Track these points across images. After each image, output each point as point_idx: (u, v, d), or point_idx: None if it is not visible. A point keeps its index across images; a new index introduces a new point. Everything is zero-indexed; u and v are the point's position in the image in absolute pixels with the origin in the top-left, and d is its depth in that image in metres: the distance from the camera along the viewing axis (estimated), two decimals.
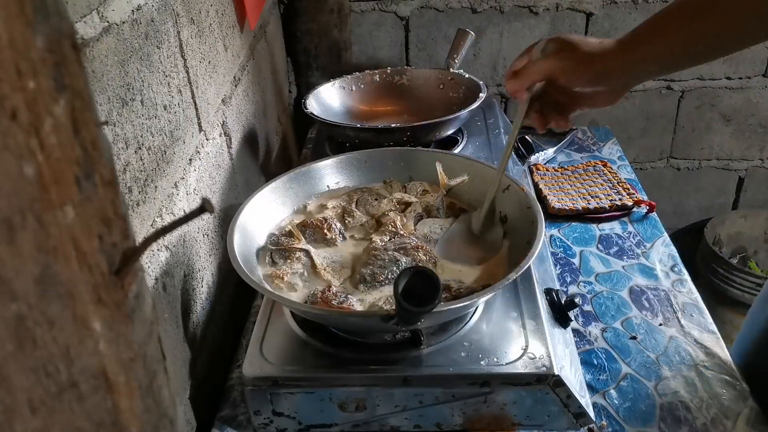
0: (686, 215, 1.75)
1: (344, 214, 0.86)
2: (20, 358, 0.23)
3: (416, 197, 0.88)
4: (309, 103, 1.14)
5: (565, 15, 1.45)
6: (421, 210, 0.85)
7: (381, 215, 0.85)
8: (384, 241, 0.79)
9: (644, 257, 1.02)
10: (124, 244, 0.27)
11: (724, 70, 1.52)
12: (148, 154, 0.67)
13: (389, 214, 0.84)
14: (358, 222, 0.85)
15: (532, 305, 0.74)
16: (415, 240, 0.79)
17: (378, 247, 0.77)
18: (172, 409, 0.32)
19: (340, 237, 0.83)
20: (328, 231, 0.82)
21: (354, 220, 0.85)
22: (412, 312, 0.57)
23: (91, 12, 0.56)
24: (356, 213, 0.86)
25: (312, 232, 0.82)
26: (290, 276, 0.76)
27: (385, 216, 0.84)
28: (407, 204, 0.86)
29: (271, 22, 1.33)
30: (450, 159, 0.92)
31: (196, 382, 0.78)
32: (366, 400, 0.69)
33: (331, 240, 0.82)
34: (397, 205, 0.87)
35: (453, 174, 0.89)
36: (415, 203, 0.86)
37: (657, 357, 0.83)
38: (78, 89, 0.24)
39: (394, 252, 0.76)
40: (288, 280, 0.75)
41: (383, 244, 0.78)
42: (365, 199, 0.89)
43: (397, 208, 0.86)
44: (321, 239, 0.82)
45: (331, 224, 0.83)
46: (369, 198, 0.89)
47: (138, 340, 0.28)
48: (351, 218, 0.85)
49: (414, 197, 0.88)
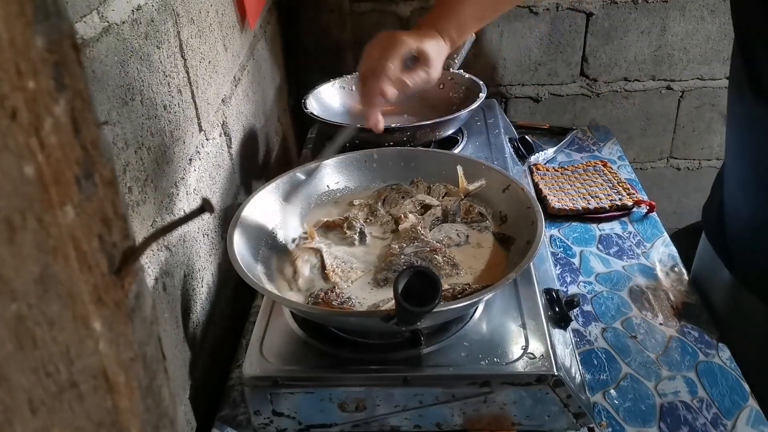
0: (686, 215, 1.75)
1: (369, 212, 0.87)
2: (20, 358, 0.23)
3: (438, 200, 0.88)
4: (309, 103, 1.14)
5: (565, 15, 1.45)
6: (440, 214, 0.85)
7: (400, 216, 0.84)
8: (402, 246, 0.78)
9: (644, 257, 1.02)
10: (124, 244, 0.27)
11: (724, 70, 1.52)
12: (148, 154, 0.67)
13: (408, 216, 0.83)
14: (381, 221, 0.85)
15: (532, 305, 0.74)
16: (432, 244, 0.78)
17: (395, 252, 0.77)
18: (172, 409, 0.32)
19: (359, 237, 0.83)
20: (349, 230, 0.82)
21: (376, 219, 0.85)
22: (412, 312, 0.57)
23: (91, 12, 0.56)
24: (380, 212, 0.86)
25: (334, 231, 0.83)
26: (303, 263, 0.76)
27: (403, 219, 0.83)
28: (427, 207, 0.86)
29: (271, 22, 1.33)
30: (451, 159, 0.92)
31: (196, 382, 0.78)
32: (366, 400, 0.69)
33: (350, 239, 0.82)
34: (418, 206, 0.86)
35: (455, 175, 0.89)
36: (435, 207, 0.86)
37: (657, 357, 0.83)
38: (78, 89, 0.24)
39: (410, 257, 0.76)
40: (298, 264, 0.76)
41: (400, 250, 0.78)
42: (393, 198, 0.89)
43: (417, 210, 0.86)
44: (342, 239, 0.83)
45: (352, 223, 0.83)
46: (397, 196, 0.89)
47: (138, 340, 0.28)
48: (374, 217, 0.86)
49: (436, 200, 0.87)
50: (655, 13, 1.43)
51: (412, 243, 0.78)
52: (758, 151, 0.81)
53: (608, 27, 1.46)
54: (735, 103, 0.84)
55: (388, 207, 0.88)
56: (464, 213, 0.85)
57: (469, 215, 0.84)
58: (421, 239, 0.79)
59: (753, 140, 0.82)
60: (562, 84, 1.52)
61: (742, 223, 0.88)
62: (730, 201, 0.91)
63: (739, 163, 0.86)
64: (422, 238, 0.79)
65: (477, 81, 1.15)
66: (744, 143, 0.84)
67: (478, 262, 0.78)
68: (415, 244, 0.78)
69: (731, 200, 0.90)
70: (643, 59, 1.49)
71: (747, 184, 0.85)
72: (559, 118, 1.56)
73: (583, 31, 1.47)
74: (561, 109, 1.56)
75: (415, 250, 0.77)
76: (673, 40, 1.46)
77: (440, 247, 0.77)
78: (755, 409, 0.75)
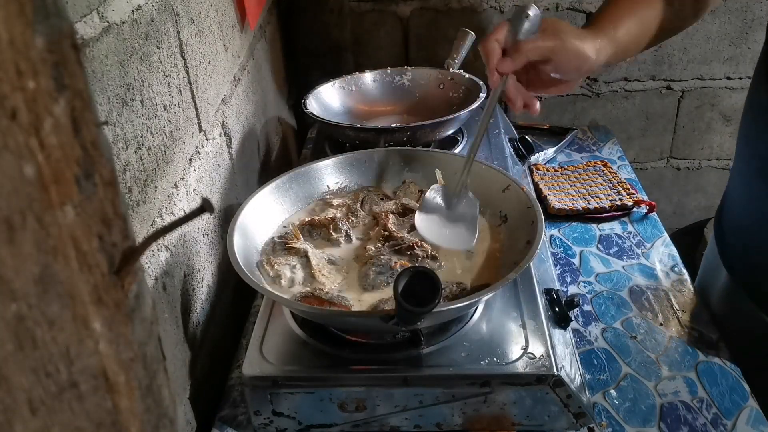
0: (686, 215, 1.75)
1: (349, 213, 0.86)
2: (20, 358, 0.23)
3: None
4: (309, 103, 1.14)
5: (565, 15, 1.45)
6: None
7: (380, 215, 0.84)
8: (378, 247, 0.79)
9: (644, 257, 1.02)
10: (124, 244, 0.27)
11: (724, 70, 1.52)
12: (148, 154, 0.67)
13: (386, 215, 0.84)
14: (362, 222, 0.85)
15: (532, 305, 0.74)
16: (407, 239, 0.79)
17: (373, 255, 0.77)
18: (172, 409, 0.32)
19: (345, 238, 0.83)
20: (334, 231, 0.82)
21: (357, 220, 0.85)
22: (412, 312, 0.57)
23: (91, 12, 0.56)
24: (360, 213, 0.86)
25: (319, 231, 0.83)
26: (281, 266, 0.76)
27: (381, 216, 0.83)
28: (410, 210, 0.86)
29: (271, 22, 1.33)
30: (451, 159, 0.92)
31: (196, 382, 0.78)
32: (366, 400, 0.69)
33: (335, 241, 0.82)
34: (400, 209, 0.86)
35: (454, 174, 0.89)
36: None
37: (657, 357, 0.83)
38: (78, 89, 0.24)
39: (389, 256, 0.76)
40: (277, 269, 0.75)
41: (377, 251, 0.78)
42: (371, 199, 0.89)
43: (398, 212, 0.86)
44: (326, 239, 0.82)
45: (338, 224, 0.83)
46: (375, 197, 0.89)
47: (138, 340, 0.28)
48: (354, 218, 0.85)
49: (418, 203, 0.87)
50: None
51: (387, 242, 0.79)
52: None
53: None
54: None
55: (367, 207, 0.88)
56: None
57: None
58: (395, 237, 0.79)
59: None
60: None
61: (740, 221, 0.88)
62: (731, 199, 0.91)
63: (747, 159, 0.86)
64: (395, 235, 0.79)
65: (477, 81, 1.15)
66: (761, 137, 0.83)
67: (474, 263, 0.78)
68: (390, 242, 0.78)
69: (732, 198, 0.91)
70: (643, 59, 1.49)
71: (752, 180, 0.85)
72: (559, 118, 1.56)
73: None
74: (561, 109, 1.56)
75: (391, 248, 0.77)
76: (673, 40, 1.46)
77: (416, 241, 0.78)
78: (755, 409, 0.75)
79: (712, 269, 0.96)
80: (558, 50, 0.72)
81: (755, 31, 1.46)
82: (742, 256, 0.89)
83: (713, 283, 0.95)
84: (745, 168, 0.87)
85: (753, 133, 0.83)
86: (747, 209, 0.87)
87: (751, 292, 0.87)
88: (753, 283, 0.87)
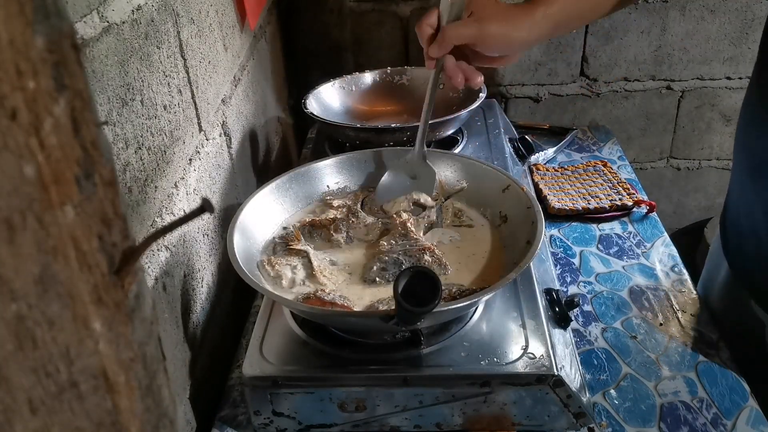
0: (686, 215, 1.75)
1: (349, 214, 0.86)
2: (20, 358, 0.23)
3: (432, 200, 0.87)
4: (309, 103, 1.14)
5: None
6: (435, 218, 0.85)
7: (394, 213, 0.84)
8: (392, 243, 0.78)
9: (644, 257, 1.02)
10: (124, 244, 0.27)
11: (724, 70, 1.52)
12: (148, 154, 0.67)
13: (402, 214, 0.83)
14: (362, 223, 0.85)
15: (532, 305, 0.74)
16: (421, 242, 0.78)
17: (384, 249, 0.77)
18: (172, 409, 0.32)
19: (346, 240, 0.82)
20: (335, 232, 0.82)
21: (358, 221, 0.85)
22: (412, 312, 0.57)
23: (91, 12, 0.56)
24: (361, 214, 0.86)
25: (320, 232, 0.83)
26: (282, 266, 0.76)
27: (396, 216, 0.83)
28: (422, 207, 0.86)
29: (271, 22, 1.33)
30: (451, 159, 0.92)
31: (196, 382, 0.78)
32: (366, 400, 0.69)
33: (336, 242, 0.82)
34: (412, 206, 0.86)
35: (454, 174, 0.89)
36: (430, 209, 0.85)
37: (657, 357, 0.83)
38: (78, 89, 0.24)
39: (399, 254, 0.76)
40: (278, 269, 0.75)
41: (390, 247, 0.78)
42: (372, 199, 0.88)
43: (411, 209, 0.86)
44: (327, 240, 0.82)
45: (338, 225, 0.83)
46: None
47: (138, 340, 0.28)
48: (355, 219, 0.85)
49: (431, 200, 0.87)
50: (655, 13, 1.43)
51: (402, 240, 0.78)
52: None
53: (608, 27, 1.46)
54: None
55: (367, 208, 0.87)
56: (454, 216, 0.85)
57: (459, 218, 0.84)
58: (411, 237, 0.79)
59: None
60: (562, 84, 1.52)
61: (738, 220, 0.88)
62: (731, 198, 0.91)
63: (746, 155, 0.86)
64: (411, 236, 0.79)
65: None
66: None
67: (475, 263, 0.78)
68: (404, 242, 0.78)
69: (732, 197, 0.91)
70: (643, 59, 1.49)
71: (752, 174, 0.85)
72: (559, 118, 1.56)
73: (583, 31, 1.47)
74: (561, 109, 1.56)
75: (403, 248, 0.77)
76: (673, 40, 1.46)
77: (429, 246, 0.77)
78: (755, 409, 0.75)
79: (715, 267, 0.96)
80: (478, 37, 0.74)
81: (755, 31, 1.45)
82: (742, 254, 0.89)
83: (715, 279, 0.95)
84: (740, 168, 0.87)
85: (753, 133, 0.83)
86: (744, 208, 0.87)
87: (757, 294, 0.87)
88: (755, 281, 0.87)
